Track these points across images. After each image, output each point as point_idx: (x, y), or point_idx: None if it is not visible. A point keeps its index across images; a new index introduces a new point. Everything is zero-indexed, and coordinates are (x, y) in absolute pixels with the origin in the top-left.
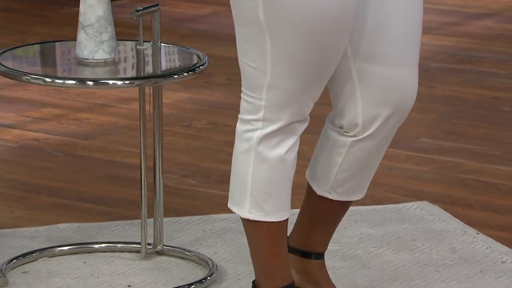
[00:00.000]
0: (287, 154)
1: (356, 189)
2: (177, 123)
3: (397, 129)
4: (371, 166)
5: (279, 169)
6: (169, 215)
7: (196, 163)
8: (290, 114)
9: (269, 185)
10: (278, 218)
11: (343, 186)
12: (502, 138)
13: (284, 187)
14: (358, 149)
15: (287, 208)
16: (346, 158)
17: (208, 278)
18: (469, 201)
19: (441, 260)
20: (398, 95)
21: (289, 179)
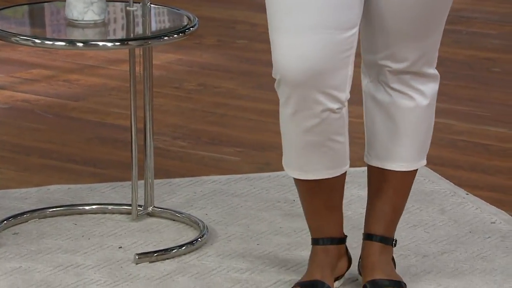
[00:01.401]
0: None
1: (388, 155)
2: (167, 85)
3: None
4: (400, 129)
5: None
6: (160, 176)
7: (186, 125)
8: None
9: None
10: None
11: (374, 148)
12: (492, 99)
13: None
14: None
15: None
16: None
17: (198, 240)
18: (458, 162)
19: (430, 221)
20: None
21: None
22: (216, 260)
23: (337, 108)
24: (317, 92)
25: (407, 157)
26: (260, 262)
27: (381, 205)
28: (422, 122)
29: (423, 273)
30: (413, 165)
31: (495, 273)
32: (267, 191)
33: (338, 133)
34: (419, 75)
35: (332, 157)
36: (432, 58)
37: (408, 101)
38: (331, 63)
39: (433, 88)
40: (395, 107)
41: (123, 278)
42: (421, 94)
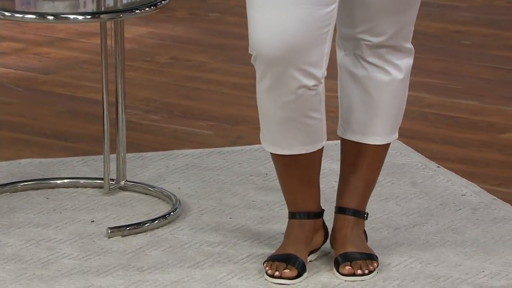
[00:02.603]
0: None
1: (364, 129)
2: (138, 58)
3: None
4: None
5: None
6: (132, 150)
7: (158, 99)
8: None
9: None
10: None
11: (349, 122)
12: (462, 71)
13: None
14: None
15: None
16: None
17: (171, 214)
18: (429, 135)
19: (402, 193)
20: None
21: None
22: (189, 233)
23: (313, 85)
24: (293, 69)
25: (382, 131)
26: (232, 236)
27: (354, 179)
28: (397, 96)
29: (394, 245)
30: (387, 139)
31: (466, 245)
32: (240, 164)
33: (314, 110)
34: (396, 49)
35: (308, 133)
36: (409, 32)
37: (384, 75)
38: (309, 39)
39: (408, 63)
40: (371, 81)
41: (95, 252)
42: (396, 68)
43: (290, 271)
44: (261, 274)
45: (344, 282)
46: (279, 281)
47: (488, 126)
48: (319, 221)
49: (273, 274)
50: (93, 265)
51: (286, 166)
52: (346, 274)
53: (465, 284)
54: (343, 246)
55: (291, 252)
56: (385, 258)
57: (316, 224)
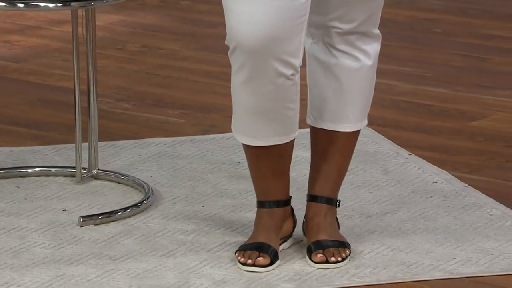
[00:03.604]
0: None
1: (334, 116)
2: (110, 46)
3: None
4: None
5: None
6: (104, 139)
7: (130, 87)
8: None
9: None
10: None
11: (319, 110)
12: (433, 59)
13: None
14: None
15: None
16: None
17: (144, 202)
18: (401, 122)
19: (374, 181)
20: None
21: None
22: (161, 222)
23: (291, 74)
24: (272, 59)
25: (353, 118)
26: (205, 224)
27: (326, 167)
28: (366, 82)
29: (367, 233)
30: (358, 125)
31: (437, 232)
32: (212, 153)
33: (291, 100)
34: (365, 35)
35: (284, 123)
36: (377, 18)
37: (353, 62)
38: (287, 29)
39: (376, 48)
40: (341, 68)
41: (67, 241)
42: (365, 55)
43: (264, 259)
44: (234, 262)
45: (316, 270)
46: (253, 269)
47: (459, 114)
48: (288, 208)
49: (246, 262)
50: (65, 254)
51: (258, 157)
52: (319, 261)
53: (436, 271)
54: (316, 233)
55: (262, 240)
56: (357, 246)
57: (285, 212)
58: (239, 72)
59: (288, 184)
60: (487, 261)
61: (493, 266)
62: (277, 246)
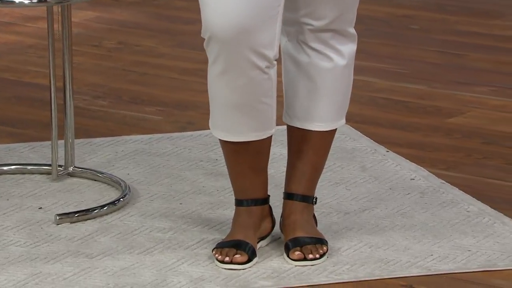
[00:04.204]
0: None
1: (307, 115)
2: (86, 43)
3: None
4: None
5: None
6: (80, 136)
7: (106, 84)
8: None
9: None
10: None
11: (293, 108)
12: (411, 56)
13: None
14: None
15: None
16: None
17: (121, 200)
18: (379, 119)
19: (352, 178)
20: None
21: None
22: (139, 220)
23: (265, 67)
24: (246, 50)
25: (326, 117)
26: (183, 222)
27: (301, 164)
28: (340, 82)
29: (344, 230)
30: (331, 125)
31: (415, 229)
32: (190, 150)
33: (266, 95)
34: (339, 33)
35: (260, 119)
36: (351, 18)
37: (326, 62)
38: (260, 20)
39: (351, 48)
40: (313, 67)
41: (43, 239)
42: (339, 54)
43: (241, 256)
44: (212, 260)
45: (294, 267)
46: (230, 266)
47: (436, 111)
48: (266, 207)
49: (224, 260)
50: (41, 252)
51: (236, 153)
52: (297, 259)
53: (414, 268)
54: (293, 231)
55: (240, 238)
56: (335, 243)
57: (264, 211)
58: (214, 64)
59: (266, 182)
60: (464, 258)
61: (471, 263)
62: (255, 244)
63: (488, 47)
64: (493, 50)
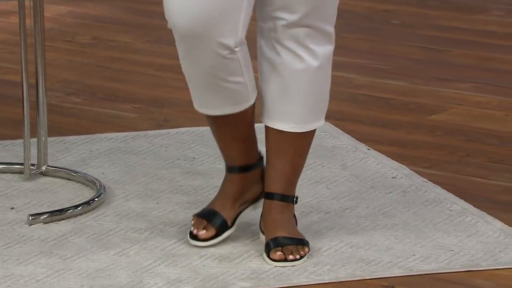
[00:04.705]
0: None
1: (280, 115)
2: (59, 38)
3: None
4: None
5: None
6: (53, 134)
7: (80, 80)
8: None
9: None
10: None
11: (268, 108)
12: (391, 51)
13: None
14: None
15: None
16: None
17: (95, 199)
18: (359, 116)
19: (332, 177)
20: None
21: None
22: (114, 220)
23: (228, 53)
24: (206, 41)
25: (299, 119)
26: (159, 222)
27: (280, 164)
28: (313, 84)
29: (325, 229)
30: (306, 127)
31: (396, 228)
32: (166, 148)
33: (233, 74)
34: (315, 30)
35: (232, 95)
36: (328, 14)
37: (298, 63)
38: (220, 11)
39: (327, 49)
40: (285, 68)
41: (15, 240)
42: (312, 55)
43: (207, 232)
44: (190, 261)
45: (274, 268)
46: (195, 243)
47: (417, 108)
48: (256, 172)
49: (192, 231)
50: (14, 254)
51: (216, 124)
52: (278, 259)
53: (396, 268)
54: (274, 231)
55: (215, 208)
56: (316, 243)
57: (251, 177)
58: (179, 48)
59: (253, 149)
60: (447, 258)
61: (453, 263)
62: (231, 214)
63: (471, 43)
64: (476, 46)
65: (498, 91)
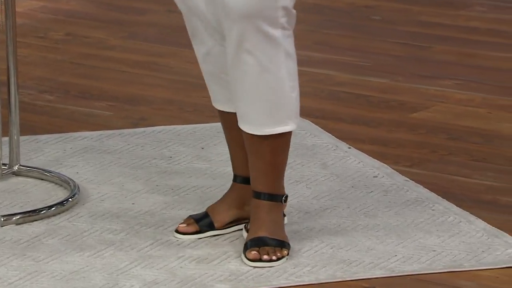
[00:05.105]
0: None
1: (240, 116)
2: (31, 34)
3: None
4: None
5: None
6: (26, 133)
7: (53, 78)
8: None
9: None
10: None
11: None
12: (373, 48)
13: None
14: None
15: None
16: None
17: (69, 200)
18: (340, 114)
19: (312, 176)
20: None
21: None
22: (89, 221)
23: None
24: (198, 20)
25: (254, 122)
26: (135, 223)
27: (259, 164)
28: (260, 87)
29: (305, 230)
30: (264, 130)
31: (378, 229)
32: (142, 147)
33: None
34: (257, 33)
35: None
36: (271, 16)
37: (242, 65)
38: None
39: (271, 52)
40: (231, 70)
41: None
42: (254, 58)
43: (186, 226)
44: (166, 262)
45: (253, 269)
46: (175, 235)
47: (399, 105)
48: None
49: (177, 227)
50: None
51: (224, 127)
52: (252, 259)
53: (377, 269)
54: (256, 230)
55: (207, 210)
56: (296, 244)
57: (250, 190)
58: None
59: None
60: (429, 258)
61: (436, 263)
62: (221, 218)
63: (453, 39)
64: (458, 42)
65: (481, 88)
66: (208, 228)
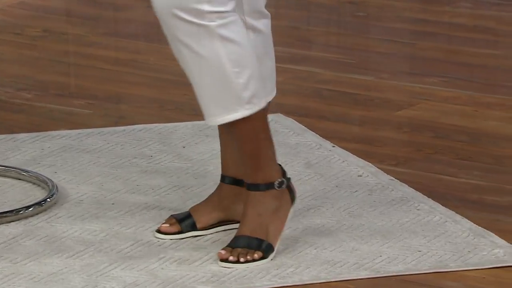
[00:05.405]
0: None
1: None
2: (8, 31)
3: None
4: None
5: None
6: (3, 132)
7: (31, 75)
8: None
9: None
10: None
11: None
12: (357, 45)
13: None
14: None
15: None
16: None
17: (48, 200)
18: (324, 112)
19: (296, 175)
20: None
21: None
22: (67, 221)
23: None
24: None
25: (207, 111)
26: (115, 223)
27: (238, 154)
28: (205, 74)
29: (289, 230)
30: (218, 120)
31: (362, 229)
32: (122, 146)
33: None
34: (183, 21)
35: None
36: (188, 4)
37: (182, 55)
38: None
39: (205, 36)
40: (179, 61)
41: None
42: (188, 48)
43: (169, 227)
44: (147, 264)
45: (235, 270)
46: (157, 235)
47: (384, 103)
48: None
49: (159, 227)
50: None
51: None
52: (220, 258)
53: (362, 270)
54: (240, 228)
55: (190, 210)
56: (279, 244)
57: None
58: None
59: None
60: (414, 258)
61: (421, 264)
62: (204, 219)
63: (438, 36)
64: (444, 39)
65: (467, 85)
66: (190, 229)
